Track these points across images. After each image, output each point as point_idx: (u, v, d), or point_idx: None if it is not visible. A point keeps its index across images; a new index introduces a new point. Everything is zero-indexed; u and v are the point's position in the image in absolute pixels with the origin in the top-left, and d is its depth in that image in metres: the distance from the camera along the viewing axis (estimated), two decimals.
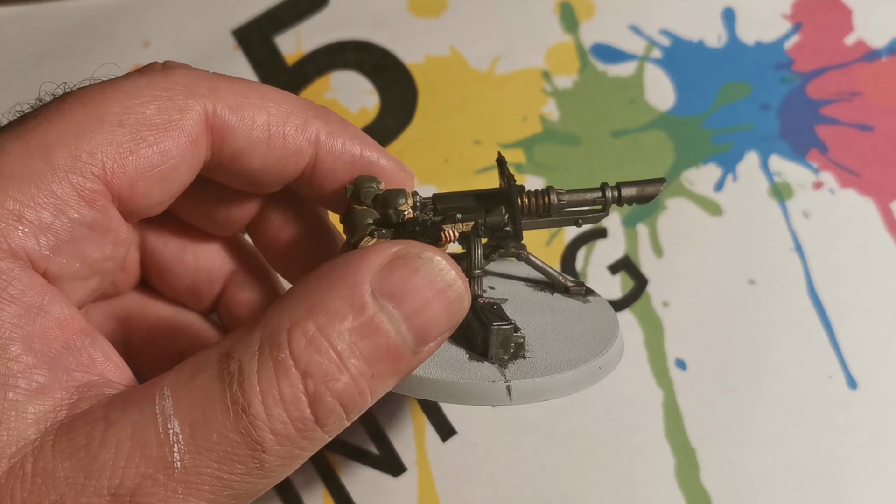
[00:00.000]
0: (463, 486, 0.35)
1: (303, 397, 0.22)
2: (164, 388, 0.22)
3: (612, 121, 0.42)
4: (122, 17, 0.45)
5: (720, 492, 0.34)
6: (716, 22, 0.45)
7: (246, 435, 0.21)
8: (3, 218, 0.22)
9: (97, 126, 0.24)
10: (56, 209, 0.23)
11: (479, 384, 0.27)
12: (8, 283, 0.22)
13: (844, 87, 0.43)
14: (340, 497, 0.35)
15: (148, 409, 0.22)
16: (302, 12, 0.45)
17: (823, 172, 0.41)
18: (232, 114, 0.26)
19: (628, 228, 0.40)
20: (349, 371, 0.22)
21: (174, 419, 0.21)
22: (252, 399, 0.21)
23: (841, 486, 0.34)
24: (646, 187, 0.30)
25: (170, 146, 0.25)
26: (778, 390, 0.36)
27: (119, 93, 0.24)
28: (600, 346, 0.29)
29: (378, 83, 0.44)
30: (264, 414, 0.22)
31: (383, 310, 0.23)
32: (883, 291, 0.38)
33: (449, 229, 0.26)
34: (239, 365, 0.22)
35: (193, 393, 0.22)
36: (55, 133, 0.23)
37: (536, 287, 0.32)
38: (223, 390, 0.22)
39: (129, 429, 0.21)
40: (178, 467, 0.21)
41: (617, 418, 0.36)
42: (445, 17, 0.45)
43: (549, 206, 0.30)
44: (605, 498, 0.34)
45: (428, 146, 0.42)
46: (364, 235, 0.26)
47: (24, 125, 0.23)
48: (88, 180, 0.24)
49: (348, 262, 0.23)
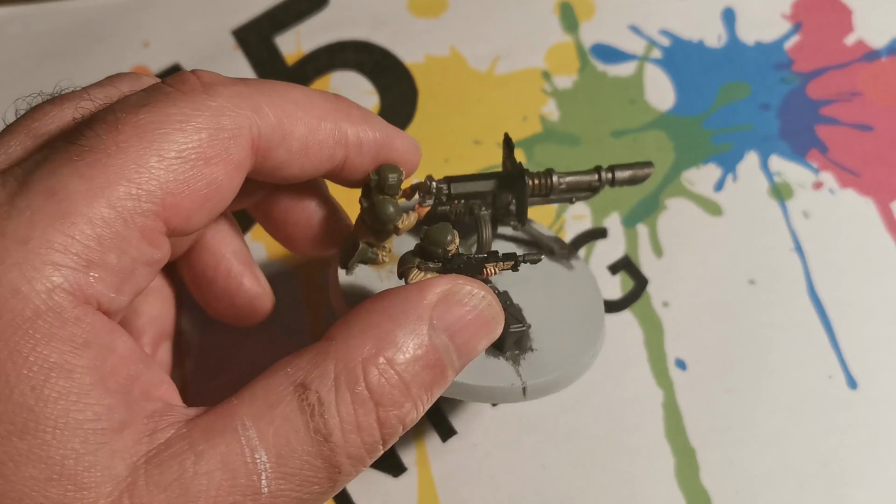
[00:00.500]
0: (463, 486, 0.35)
1: (375, 424, 0.24)
2: (245, 419, 0.23)
3: (612, 121, 0.42)
4: (121, 17, 0.45)
5: (720, 492, 0.34)
6: (716, 22, 0.45)
7: (326, 460, 0.24)
8: (75, 264, 0.23)
9: (156, 162, 0.24)
10: (120, 250, 0.23)
11: (499, 387, 0.30)
12: (83, 330, 0.23)
13: (844, 87, 0.43)
14: (340, 497, 0.35)
15: (234, 441, 0.23)
16: (302, 12, 0.45)
17: (823, 172, 0.41)
18: (274, 132, 0.27)
19: (628, 228, 0.40)
20: (412, 397, 0.25)
21: (261, 450, 0.23)
22: (333, 429, 0.24)
23: (841, 486, 0.34)
24: (637, 171, 0.33)
25: (220, 175, 0.25)
26: (778, 390, 0.36)
27: (172, 123, 0.24)
28: (594, 328, 0.32)
29: (378, 83, 0.44)
30: (343, 441, 0.24)
31: (441, 342, 0.25)
32: (883, 291, 0.38)
33: (491, 267, 0.28)
34: (318, 396, 0.24)
35: (276, 424, 0.23)
36: (116, 171, 0.23)
37: (524, 248, 0.35)
38: (306, 422, 0.23)
39: (218, 459, 0.23)
40: (265, 493, 0.23)
41: (617, 418, 0.36)
42: (445, 17, 0.45)
43: (551, 188, 0.32)
44: (605, 498, 0.34)
45: (428, 146, 0.42)
46: (412, 268, 0.28)
47: (83, 159, 0.23)
48: (149, 220, 0.24)
49: (408, 297, 0.25)
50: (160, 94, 0.25)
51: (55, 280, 0.22)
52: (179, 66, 0.44)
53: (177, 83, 0.26)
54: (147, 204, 0.24)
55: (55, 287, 0.22)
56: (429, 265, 0.28)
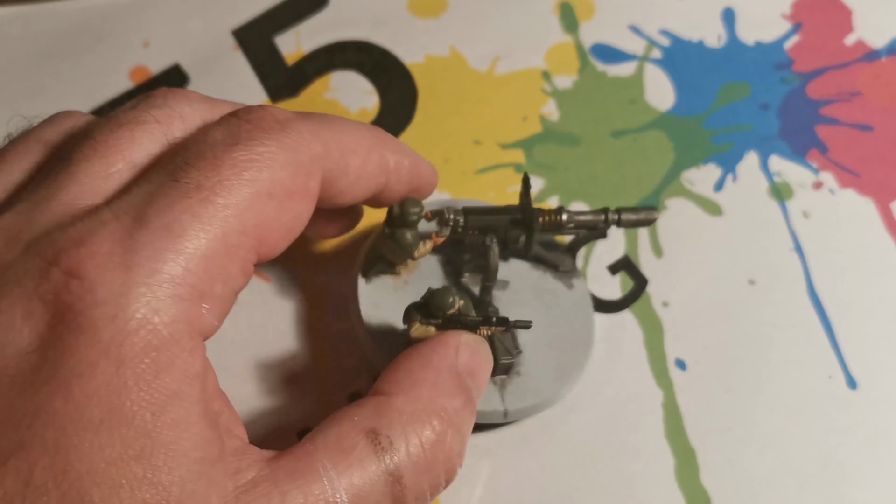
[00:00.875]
0: (463, 486, 0.35)
1: (441, 469, 0.27)
2: (324, 461, 0.25)
3: (612, 121, 0.42)
4: (122, 17, 0.45)
5: (720, 492, 0.34)
6: (716, 22, 0.45)
7: (398, 501, 0.26)
8: (190, 297, 0.24)
9: (254, 199, 0.26)
10: (224, 282, 0.25)
11: (483, 411, 0.33)
12: (196, 360, 0.24)
13: (844, 87, 0.43)
14: None
15: (316, 481, 0.25)
16: (302, 12, 0.45)
17: (823, 172, 0.41)
18: (337, 166, 0.29)
19: (628, 229, 0.40)
20: (461, 436, 0.28)
21: (342, 490, 0.25)
22: (404, 471, 0.26)
23: (841, 486, 0.34)
24: (642, 216, 0.36)
25: (302, 209, 0.28)
26: (778, 390, 0.36)
27: (262, 161, 0.26)
28: (579, 354, 0.35)
29: (378, 83, 0.44)
30: (413, 482, 0.26)
31: (469, 385, 0.29)
32: (883, 291, 0.38)
33: (484, 330, 0.32)
34: (389, 441, 0.26)
35: (353, 467, 0.25)
36: (223, 208, 0.25)
37: (532, 264, 0.37)
38: (381, 466, 0.26)
39: (301, 498, 0.24)
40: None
41: (617, 418, 0.36)
42: (445, 17, 0.45)
43: (560, 225, 0.35)
44: (605, 498, 0.34)
45: (428, 146, 0.42)
46: (415, 322, 0.32)
47: (192, 197, 0.25)
48: (249, 253, 0.26)
49: (437, 350, 0.29)
50: (243, 130, 0.27)
51: (176, 312, 0.23)
52: (179, 66, 0.44)
53: (255, 120, 0.27)
54: (249, 239, 0.25)
55: (177, 319, 0.23)
56: (430, 321, 0.32)
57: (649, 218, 0.36)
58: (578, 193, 0.40)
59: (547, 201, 0.40)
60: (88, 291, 0.23)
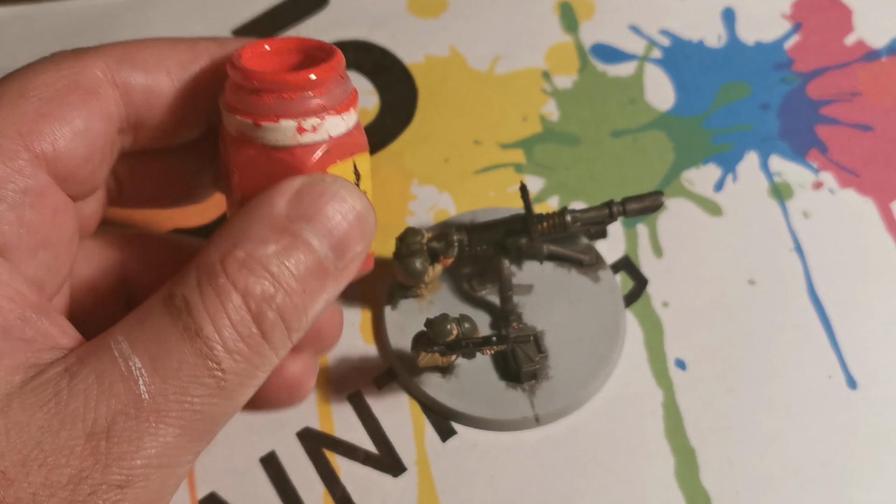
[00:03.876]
0: (463, 486, 0.35)
1: (247, 316, 0.24)
2: (117, 335, 0.24)
3: (612, 121, 0.42)
4: (122, 16, 0.45)
5: (720, 492, 0.34)
6: (716, 22, 0.45)
7: (203, 356, 0.23)
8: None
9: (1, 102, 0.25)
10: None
11: (513, 420, 0.35)
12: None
13: (844, 87, 0.43)
14: (340, 497, 0.35)
15: (106, 355, 0.23)
16: (302, 12, 0.45)
17: (823, 172, 0.41)
18: (127, 66, 0.27)
19: (628, 229, 0.40)
20: (283, 288, 0.24)
21: (134, 357, 0.23)
22: (203, 323, 0.23)
23: (841, 486, 0.34)
24: (648, 203, 0.36)
25: (74, 100, 0.26)
26: (778, 390, 0.36)
27: (19, 71, 0.26)
28: (608, 349, 0.36)
29: (378, 83, 0.44)
30: (216, 334, 0.23)
31: (301, 231, 0.25)
32: (883, 291, 0.38)
33: (486, 350, 0.34)
34: (183, 299, 0.24)
35: (146, 331, 0.23)
36: None
37: (555, 263, 0.38)
38: (175, 322, 0.23)
39: (92, 375, 0.23)
40: (147, 398, 0.23)
41: (617, 418, 0.36)
42: (445, 17, 0.45)
43: (565, 226, 0.36)
44: (605, 498, 0.34)
45: (428, 146, 0.42)
46: (421, 351, 0.34)
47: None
48: (9, 147, 0.25)
49: (261, 198, 0.25)
50: None
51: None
52: None
53: None
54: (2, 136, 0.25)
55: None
56: (433, 348, 0.33)
57: (655, 203, 0.36)
58: (578, 193, 0.40)
59: (547, 201, 0.40)
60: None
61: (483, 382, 0.35)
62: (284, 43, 0.28)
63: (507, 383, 0.35)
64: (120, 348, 0.23)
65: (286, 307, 0.24)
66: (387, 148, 0.42)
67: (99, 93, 0.27)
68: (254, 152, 0.26)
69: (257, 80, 0.25)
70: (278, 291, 0.24)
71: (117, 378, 0.23)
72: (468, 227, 0.37)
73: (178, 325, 0.23)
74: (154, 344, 0.23)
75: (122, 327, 0.24)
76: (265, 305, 0.24)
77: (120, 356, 0.23)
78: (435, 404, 0.35)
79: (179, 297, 0.24)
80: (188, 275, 0.24)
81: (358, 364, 0.37)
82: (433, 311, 0.37)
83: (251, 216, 0.25)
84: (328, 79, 0.26)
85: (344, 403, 0.36)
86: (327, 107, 0.26)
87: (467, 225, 0.37)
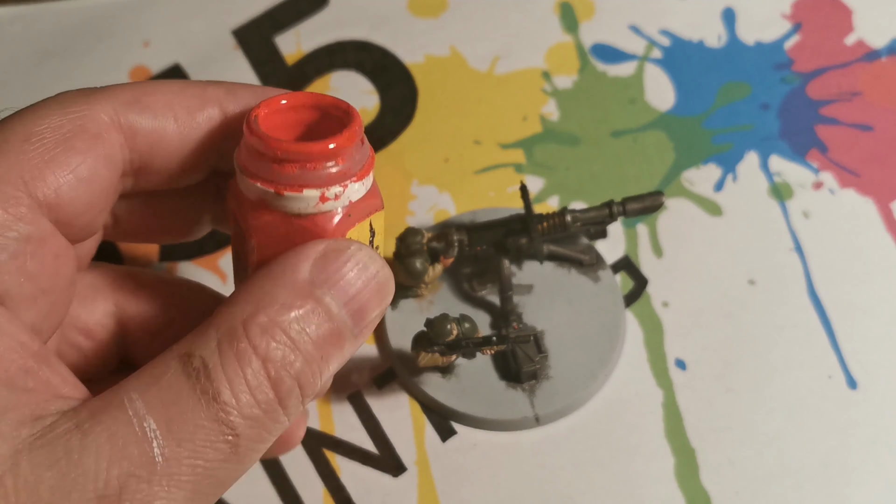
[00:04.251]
0: (463, 486, 0.35)
1: (266, 381, 0.24)
2: (131, 392, 0.23)
3: (612, 121, 0.42)
4: (122, 16, 0.45)
5: (720, 492, 0.34)
6: (716, 22, 0.45)
7: (219, 422, 0.23)
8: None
9: (3, 147, 0.25)
10: None
11: (513, 420, 0.35)
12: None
13: (844, 87, 0.43)
14: (340, 497, 0.35)
15: (121, 414, 0.23)
16: (302, 12, 0.45)
17: (823, 172, 0.41)
18: (134, 111, 0.27)
19: (628, 229, 0.40)
20: (302, 353, 0.24)
21: (149, 418, 0.23)
22: (220, 388, 0.23)
23: (841, 486, 0.34)
24: (648, 203, 0.36)
25: (79, 145, 0.26)
26: (778, 390, 0.36)
27: (24, 113, 0.26)
28: (608, 349, 0.36)
29: (378, 83, 0.44)
30: (233, 400, 0.23)
31: (324, 296, 0.25)
32: (883, 291, 0.38)
33: (486, 350, 0.34)
34: (202, 360, 0.23)
35: (163, 392, 0.23)
36: None
37: (555, 263, 0.38)
38: (192, 385, 0.23)
39: (105, 434, 0.22)
40: (160, 461, 0.22)
41: (617, 418, 0.36)
42: (445, 17, 0.45)
43: (565, 226, 0.36)
44: (605, 498, 0.34)
45: (428, 146, 0.42)
46: (421, 351, 0.34)
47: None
48: (12, 193, 0.24)
49: (285, 261, 0.25)
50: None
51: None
52: (179, 65, 0.44)
53: None
54: (6, 183, 0.24)
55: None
56: (433, 348, 0.34)
57: (655, 203, 0.36)
58: (578, 193, 0.40)
59: (547, 201, 0.40)
60: None
61: (483, 382, 0.35)
62: (300, 99, 0.27)
63: (507, 383, 0.35)
64: (135, 407, 0.23)
65: (303, 373, 0.24)
66: (387, 148, 0.42)
67: (104, 138, 0.26)
68: (273, 218, 0.25)
69: (281, 151, 0.25)
70: (297, 357, 0.24)
71: (132, 439, 0.22)
72: (468, 227, 0.37)
73: (195, 388, 0.23)
74: (170, 406, 0.23)
75: (136, 384, 0.23)
76: (284, 372, 0.24)
77: (135, 416, 0.23)
78: (435, 404, 0.35)
79: (198, 359, 0.23)
80: (207, 334, 0.24)
81: (358, 364, 0.37)
82: (433, 311, 0.37)
83: (275, 279, 0.25)
84: (350, 146, 0.25)
85: (344, 403, 0.36)
86: (349, 174, 0.25)
87: (467, 225, 0.37)
